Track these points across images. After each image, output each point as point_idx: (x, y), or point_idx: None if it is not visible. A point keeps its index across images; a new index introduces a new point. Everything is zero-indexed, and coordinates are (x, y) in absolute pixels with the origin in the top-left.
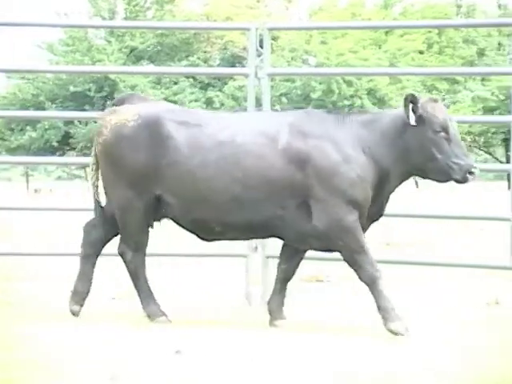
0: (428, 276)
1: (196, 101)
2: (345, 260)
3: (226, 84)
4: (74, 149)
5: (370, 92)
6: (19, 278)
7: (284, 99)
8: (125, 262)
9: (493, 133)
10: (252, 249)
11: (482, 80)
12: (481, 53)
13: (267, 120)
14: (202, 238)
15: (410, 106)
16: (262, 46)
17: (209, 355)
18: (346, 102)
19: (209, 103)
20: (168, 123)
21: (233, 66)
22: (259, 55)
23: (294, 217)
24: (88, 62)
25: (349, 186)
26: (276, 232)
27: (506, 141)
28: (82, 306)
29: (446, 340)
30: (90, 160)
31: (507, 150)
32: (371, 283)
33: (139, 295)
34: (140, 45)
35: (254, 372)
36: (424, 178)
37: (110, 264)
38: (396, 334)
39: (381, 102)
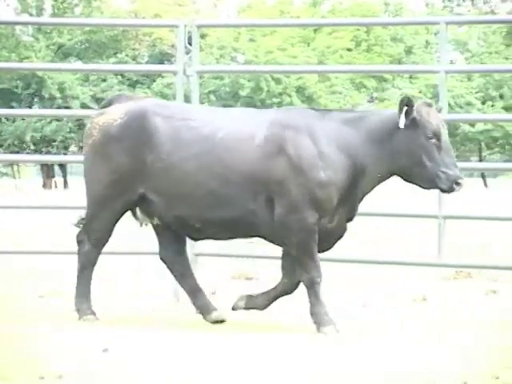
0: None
1: None
2: (294, 257)
3: (154, 81)
4: (1, 146)
5: (299, 90)
6: None
7: (213, 97)
8: (79, 252)
9: None
10: None
11: (410, 78)
12: (408, 51)
13: (251, 117)
14: (191, 238)
15: (405, 109)
16: (190, 44)
17: (137, 353)
18: (275, 100)
19: None
20: (154, 117)
21: (161, 63)
22: (188, 52)
23: (267, 211)
24: (15, 59)
25: (317, 185)
26: (252, 229)
27: None
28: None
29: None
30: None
31: None
32: (310, 286)
33: (76, 288)
34: (68, 42)
35: (181, 370)
36: (406, 181)
37: (38, 262)
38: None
39: (309, 100)
